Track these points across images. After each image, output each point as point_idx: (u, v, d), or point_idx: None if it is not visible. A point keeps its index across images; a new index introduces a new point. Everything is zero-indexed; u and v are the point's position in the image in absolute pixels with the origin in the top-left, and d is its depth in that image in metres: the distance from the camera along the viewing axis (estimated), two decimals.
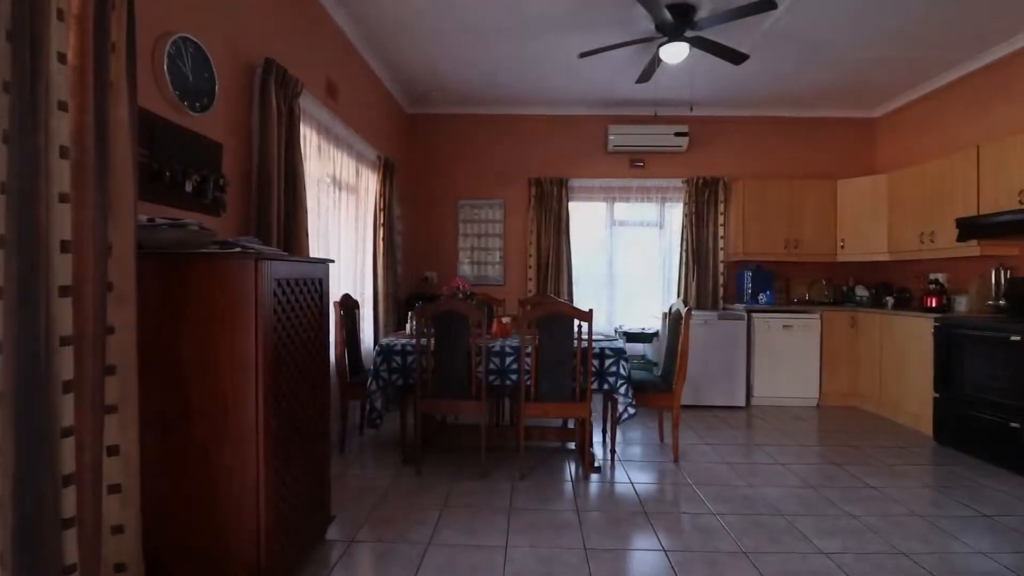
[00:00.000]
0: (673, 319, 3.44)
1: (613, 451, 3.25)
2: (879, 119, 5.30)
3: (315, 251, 3.18)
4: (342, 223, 3.76)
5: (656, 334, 4.82)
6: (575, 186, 5.36)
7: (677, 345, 3.31)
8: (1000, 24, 3.54)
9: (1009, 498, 2.72)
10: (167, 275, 1.70)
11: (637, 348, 5.01)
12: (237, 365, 1.71)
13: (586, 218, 5.47)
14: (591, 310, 2.83)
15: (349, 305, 3.45)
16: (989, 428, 3.24)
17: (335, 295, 3.45)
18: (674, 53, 3.45)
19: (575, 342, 2.86)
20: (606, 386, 3.03)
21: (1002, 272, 3.76)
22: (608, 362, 3.01)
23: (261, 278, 1.69)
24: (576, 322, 2.86)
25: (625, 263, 5.44)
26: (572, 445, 3.51)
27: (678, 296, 5.28)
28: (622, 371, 2.99)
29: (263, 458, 1.72)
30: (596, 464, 3.09)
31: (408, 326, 3.39)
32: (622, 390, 2.98)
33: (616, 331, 5.12)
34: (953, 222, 3.90)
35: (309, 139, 3.18)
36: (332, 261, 2.32)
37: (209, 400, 1.72)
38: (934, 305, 4.05)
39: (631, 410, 3.01)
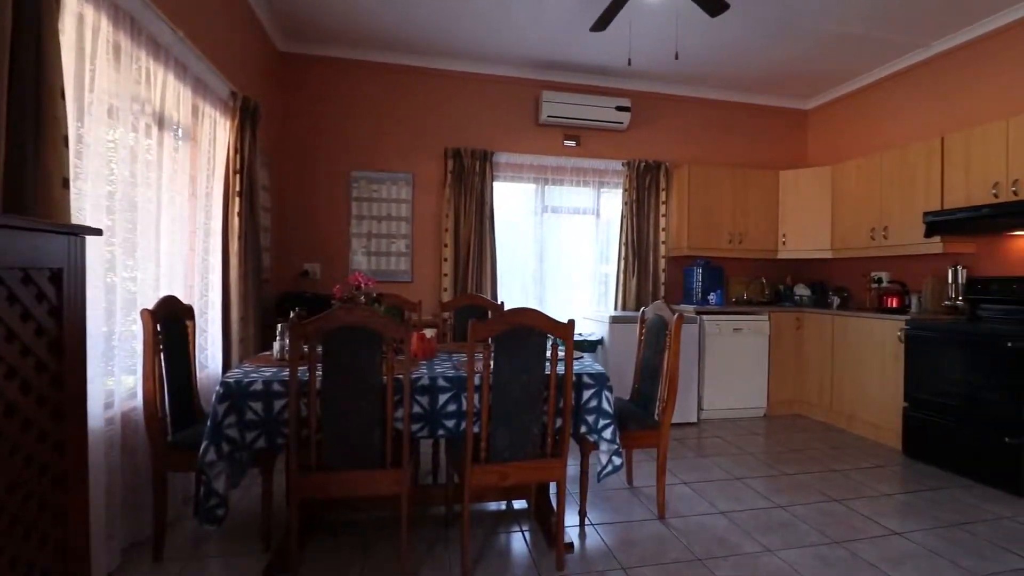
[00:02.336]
0: (652, 328, 2.64)
1: (584, 513, 2.36)
2: (811, 111, 5.08)
3: (101, 222, 1.84)
4: (166, 185, 2.40)
5: (600, 342, 4.05)
6: (501, 162, 4.40)
7: (660, 363, 2.51)
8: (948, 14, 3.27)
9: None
10: None
11: None
12: None
13: (513, 202, 4.55)
14: (572, 321, 1.90)
15: (175, 315, 2.14)
16: (975, 443, 2.91)
17: (149, 299, 2.12)
18: None
19: (547, 368, 1.91)
20: (583, 428, 2.12)
21: (959, 271, 3.54)
22: (586, 395, 2.10)
23: None
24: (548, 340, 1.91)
25: (557, 257, 4.62)
26: (520, 503, 2.57)
27: (616, 296, 4.59)
28: (605, 405, 2.10)
29: None
30: (568, 540, 2.17)
31: (277, 347, 2.18)
32: (607, 433, 2.10)
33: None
34: (911, 216, 3.64)
35: (91, 24, 1.84)
36: (95, 232, 1.10)
37: None
38: (895, 306, 3.77)
39: (616, 460, 2.14)
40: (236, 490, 2.54)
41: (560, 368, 1.91)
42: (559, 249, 4.62)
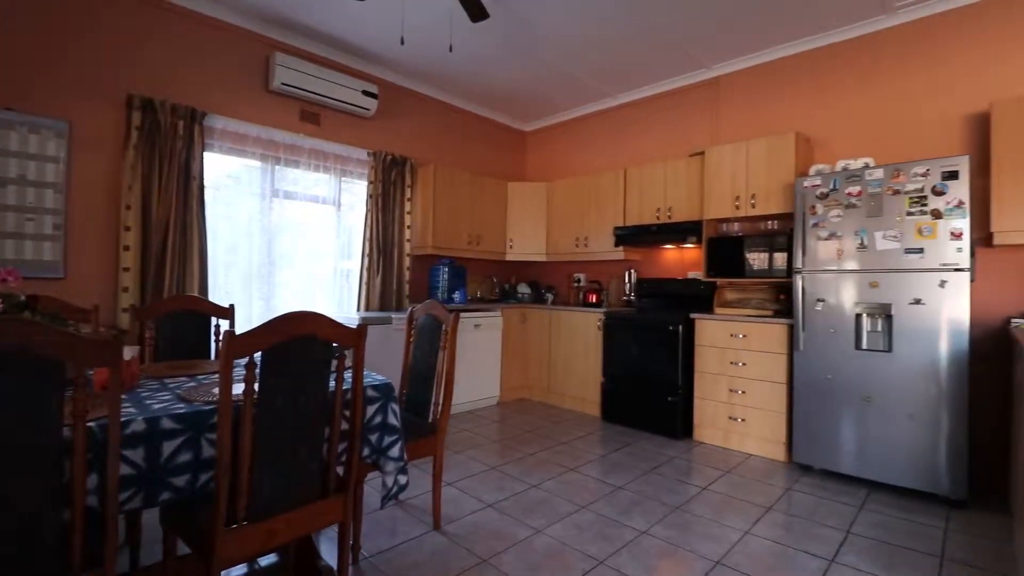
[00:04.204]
0: (424, 328, 2.51)
1: (358, 548, 2.03)
2: (530, 133, 5.84)
3: None
4: None
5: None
6: (217, 127, 3.50)
7: (434, 364, 2.41)
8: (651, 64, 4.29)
9: (686, 461, 3.20)
10: None
11: None
12: None
13: (233, 180, 3.68)
14: (364, 327, 1.59)
15: None
16: (649, 403, 3.84)
17: None
18: None
19: (330, 386, 1.55)
20: (366, 451, 1.82)
21: (631, 273, 4.62)
22: (370, 411, 1.81)
23: None
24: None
25: (291, 250, 3.97)
26: (269, 559, 2.05)
27: (360, 295, 4.26)
28: (392, 420, 1.86)
29: None
30: None
31: None
32: (393, 451, 1.85)
33: None
34: (604, 229, 4.56)
35: None
36: None
37: None
38: (594, 301, 4.63)
39: (402, 479, 1.91)
40: None
41: (343, 383, 1.58)
42: (293, 241, 3.98)
